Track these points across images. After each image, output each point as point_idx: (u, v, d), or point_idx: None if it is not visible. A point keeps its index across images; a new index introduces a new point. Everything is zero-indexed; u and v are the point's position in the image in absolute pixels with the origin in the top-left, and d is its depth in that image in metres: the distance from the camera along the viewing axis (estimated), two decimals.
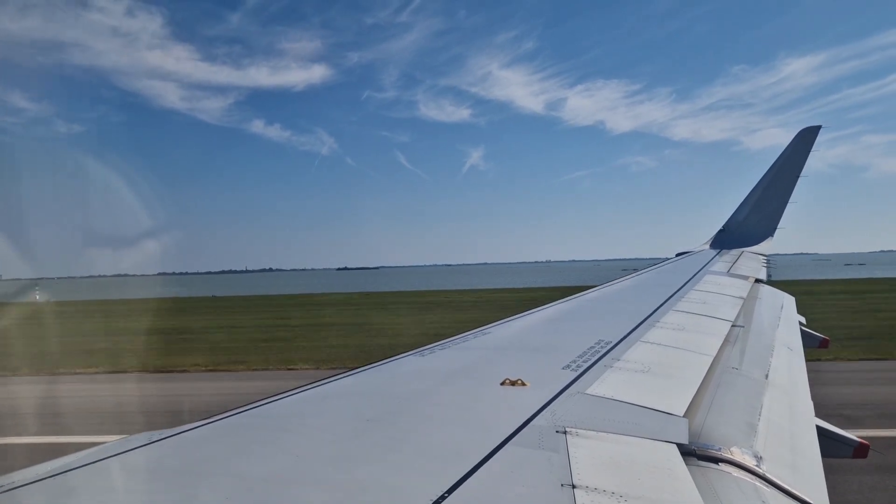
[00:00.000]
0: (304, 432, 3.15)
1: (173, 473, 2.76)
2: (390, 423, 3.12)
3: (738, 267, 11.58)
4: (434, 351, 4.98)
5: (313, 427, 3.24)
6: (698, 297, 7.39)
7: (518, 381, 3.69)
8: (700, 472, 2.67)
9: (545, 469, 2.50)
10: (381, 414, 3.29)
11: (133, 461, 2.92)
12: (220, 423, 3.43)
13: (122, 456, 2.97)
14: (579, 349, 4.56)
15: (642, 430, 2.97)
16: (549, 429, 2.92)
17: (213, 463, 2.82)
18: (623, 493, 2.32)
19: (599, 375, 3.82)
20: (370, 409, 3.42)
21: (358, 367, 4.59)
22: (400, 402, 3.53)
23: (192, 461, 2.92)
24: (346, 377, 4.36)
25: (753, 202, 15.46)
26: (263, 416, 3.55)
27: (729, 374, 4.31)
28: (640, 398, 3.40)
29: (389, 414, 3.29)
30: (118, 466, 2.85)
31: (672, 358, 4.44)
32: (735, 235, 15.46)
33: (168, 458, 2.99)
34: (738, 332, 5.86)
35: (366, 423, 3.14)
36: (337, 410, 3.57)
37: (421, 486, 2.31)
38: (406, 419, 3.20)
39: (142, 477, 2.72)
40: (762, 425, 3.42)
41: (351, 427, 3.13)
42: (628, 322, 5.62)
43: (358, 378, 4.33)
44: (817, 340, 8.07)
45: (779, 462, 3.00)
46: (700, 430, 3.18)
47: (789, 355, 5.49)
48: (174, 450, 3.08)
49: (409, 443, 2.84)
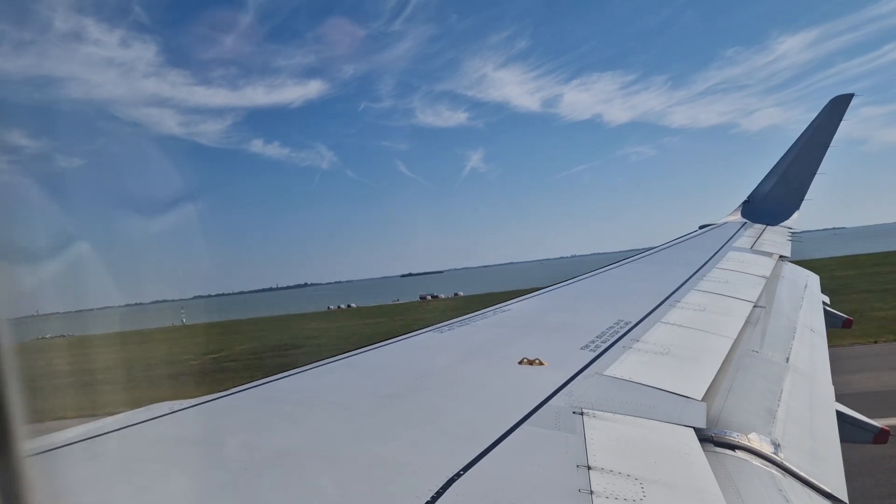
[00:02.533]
0: (324, 407, 3.21)
1: (192, 444, 2.84)
2: (409, 400, 3.17)
3: (763, 242, 11.29)
4: (453, 328, 5.00)
5: (332, 402, 3.30)
6: (720, 276, 7.28)
7: (536, 361, 3.70)
8: (717, 458, 2.67)
9: (561, 450, 2.52)
10: (399, 390, 3.34)
11: (154, 431, 3.01)
12: (241, 395, 3.51)
13: (143, 425, 3.07)
14: (598, 329, 4.54)
15: (660, 413, 2.96)
16: (566, 409, 2.94)
17: (232, 434, 2.90)
18: (638, 476, 2.33)
19: (618, 357, 3.81)
20: (389, 386, 3.46)
21: (378, 343, 4.63)
22: (419, 378, 3.57)
23: (210, 432, 3.00)
24: (366, 352, 4.41)
25: (781, 172, 14.91)
26: (284, 390, 3.62)
27: (749, 357, 4.27)
28: (658, 381, 3.39)
29: (408, 390, 3.33)
30: (139, 436, 2.95)
31: (692, 340, 4.41)
32: (761, 207, 15.00)
33: (188, 428, 3.07)
34: (759, 312, 5.78)
35: (385, 399, 3.19)
36: (356, 386, 3.63)
37: (437, 463, 2.35)
38: (424, 396, 3.24)
39: (162, 447, 2.80)
40: (781, 411, 3.40)
41: (370, 403, 3.18)
42: (649, 302, 5.57)
43: (378, 353, 4.37)
44: (840, 321, 7.92)
45: (797, 450, 2.98)
46: (719, 414, 3.17)
47: (811, 337, 5.41)
48: (195, 420, 3.17)
49: (427, 419, 2.88)
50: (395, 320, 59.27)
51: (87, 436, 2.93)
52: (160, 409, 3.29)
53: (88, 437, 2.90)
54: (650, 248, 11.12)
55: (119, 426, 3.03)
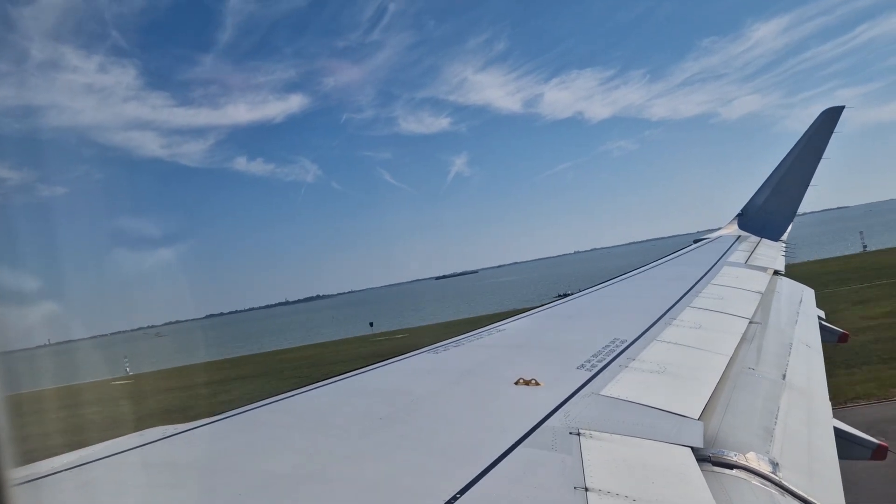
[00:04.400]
0: (318, 429, 3.18)
1: (186, 469, 2.81)
2: (404, 422, 3.14)
3: (757, 257, 11.30)
4: (448, 348, 4.99)
5: (327, 424, 3.28)
6: (715, 293, 7.29)
7: (532, 381, 3.68)
8: (715, 477, 2.65)
9: (558, 471, 2.50)
10: (394, 412, 3.31)
11: (147, 456, 2.97)
12: (235, 419, 3.48)
13: (137, 451, 3.03)
14: (594, 348, 4.53)
15: (657, 432, 2.95)
16: (563, 430, 2.92)
17: (226, 458, 2.87)
18: (636, 497, 2.32)
19: (614, 376, 3.80)
20: (384, 408, 3.43)
21: (374, 364, 4.61)
22: (414, 400, 3.54)
23: (205, 457, 2.97)
24: (361, 373, 4.39)
25: (774, 185, 14.91)
26: (277, 413, 3.59)
27: (746, 374, 4.26)
28: (654, 400, 3.38)
29: (404, 412, 3.30)
30: (132, 461, 2.91)
31: (688, 358, 4.40)
32: (755, 220, 15.02)
33: (182, 453, 3.04)
34: (755, 329, 5.78)
35: (380, 421, 3.16)
36: (351, 408, 3.60)
37: (432, 487, 2.32)
38: (420, 418, 3.22)
39: (155, 472, 2.77)
40: (779, 429, 3.38)
41: (364, 425, 3.15)
42: (644, 319, 5.57)
43: (373, 375, 4.35)
44: (836, 335, 7.92)
45: (795, 468, 2.97)
46: (716, 433, 3.15)
47: (808, 353, 5.40)
48: (188, 445, 3.13)
49: (422, 442, 2.86)
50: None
51: (78, 463, 2.89)
52: (153, 435, 3.26)
53: (79, 465, 2.87)
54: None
55: (110, 452, 3.00)
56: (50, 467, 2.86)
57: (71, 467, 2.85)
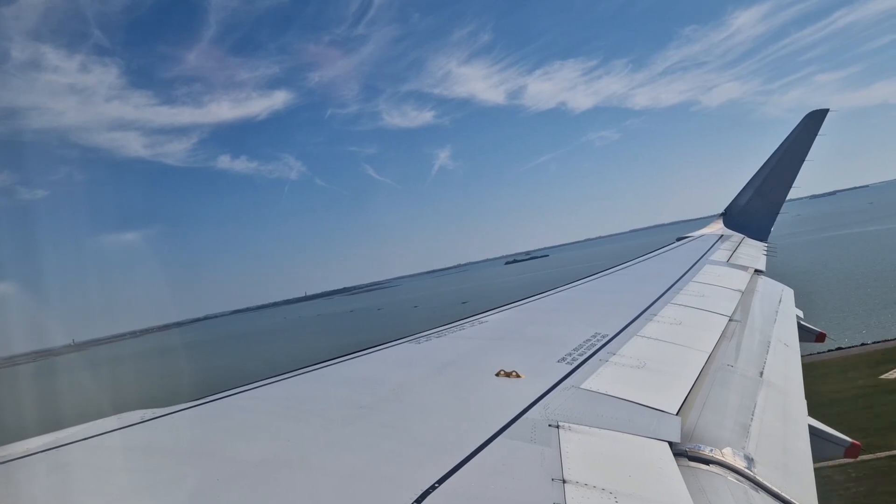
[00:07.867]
0: (298, 417, 3.16)
1: (164, 453, 2.77)
2: (384, 411, 3.13)
3: (739, 256, 11.40)
4: (430, 338, 4.98)
5: (307, 412, 3.25)
6: (696, 290, 7.36)
7: (513, 373, 3.69)
8: (691, 472, 2.68)
9: (536, 463, 2.51)
10: (375, 401, 3.30)
11: (125, 440, 2.93)
12: (214, 404, 3.44)
13: (114, 434, 2.99)
14: (575, 342, 4.55)
15: (635, 427, 2.97)
16: (542, 422, 2.93)
17: (205, 444, 2.83)
18: (613, 489, 2.33)
19: (595, 370, 3.82)
20: (364, 396, 3.42)
21: (355, 352, 4.59)
22: (394, 389, 3.53)
23: (183, 441, 2.93)
24: (342, 362, 4.36)
25: (757, 186, 15.04)
26: (258, 399, 3.56)
27: (724, 371, 4.31)
28: (634, 394, 3.40)
29: (384, 401, 3.29)
30: (109, 444, 2.87)
31: (668, 354, 4.44)
32: (738, 219, 15.15)
33: (160, 437, 3.00)
34: (735, 326, 5.84)
35: (358, 411, 3.14)
36: (331, 396, 3.58)
37: (411, 477, 2.32)
38: (400, 407, 3.21)
39: (132, 455, 2.73)
40: (755, 426, 3.43)
41: (344, 413, 3.14)
42: (626, 315, 5.60)
43: (354, 364, 4.33)
44: (814, 334, 8.05)
45: (770, 464, 3.01)
46: (693, 428, 3.19)
47: (785, 352, 5.48)
48: (166, 429, 3.09)
49: (402, 432, 2.85)
50: None
51: (53, 445, 2.84)
52: (131, 418, 3.21)
53: (54, 447, 2.82)
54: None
55: (87, 435, 2.95)
56: (24, 449, 2.81)
57: (46, 449, 2.80)
